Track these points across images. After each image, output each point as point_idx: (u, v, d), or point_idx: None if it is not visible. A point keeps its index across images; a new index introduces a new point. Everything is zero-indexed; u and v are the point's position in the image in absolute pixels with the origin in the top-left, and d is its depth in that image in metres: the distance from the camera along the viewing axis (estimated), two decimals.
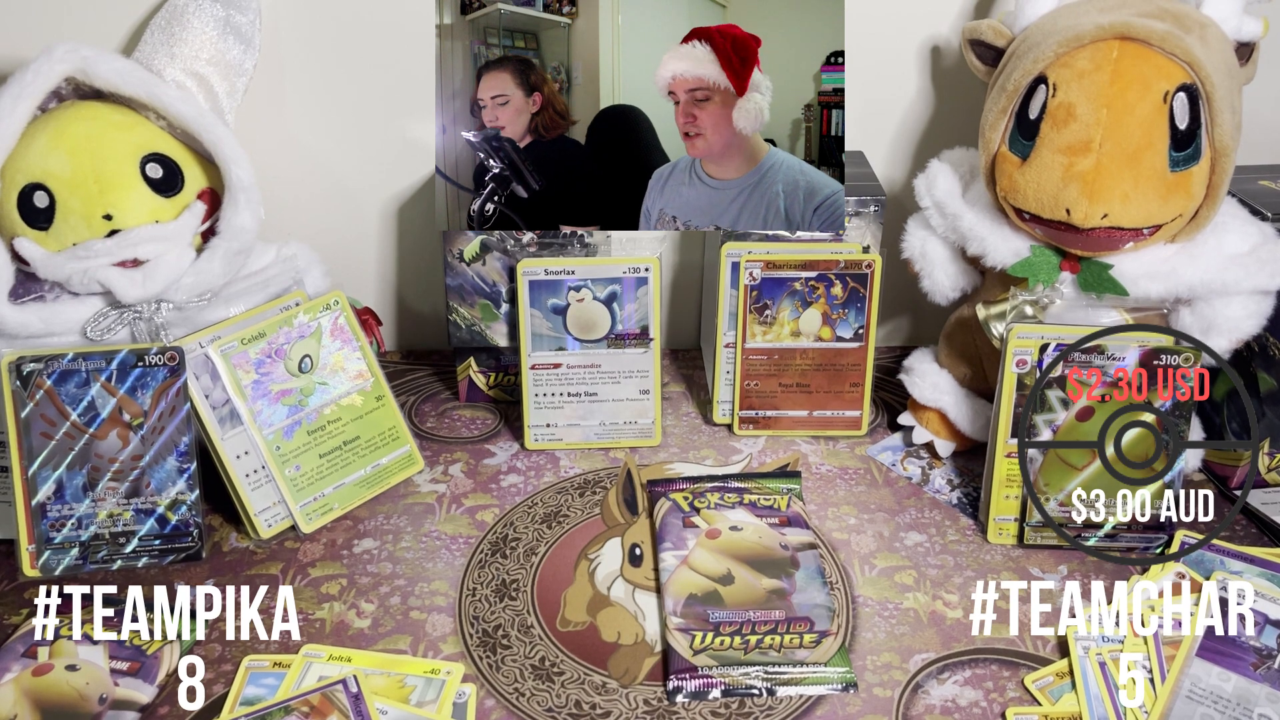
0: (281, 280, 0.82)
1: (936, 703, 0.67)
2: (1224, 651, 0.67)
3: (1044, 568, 0.78)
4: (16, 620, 0.72)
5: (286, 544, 0.80)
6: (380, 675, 0.68)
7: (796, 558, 0.76)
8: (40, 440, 0.74)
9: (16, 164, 0.73)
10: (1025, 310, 0.78)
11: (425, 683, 0.67)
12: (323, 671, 0.68)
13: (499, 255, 0.88)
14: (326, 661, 0.69)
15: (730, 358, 0.90)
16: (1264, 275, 0.75)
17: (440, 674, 0.68)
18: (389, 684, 0.67)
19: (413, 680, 0.67)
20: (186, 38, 0.79)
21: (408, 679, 0.67)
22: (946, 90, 0.97)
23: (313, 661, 0.69)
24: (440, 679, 0.67)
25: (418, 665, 0.69)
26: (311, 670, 0.68)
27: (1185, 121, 0.72)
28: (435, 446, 0.91)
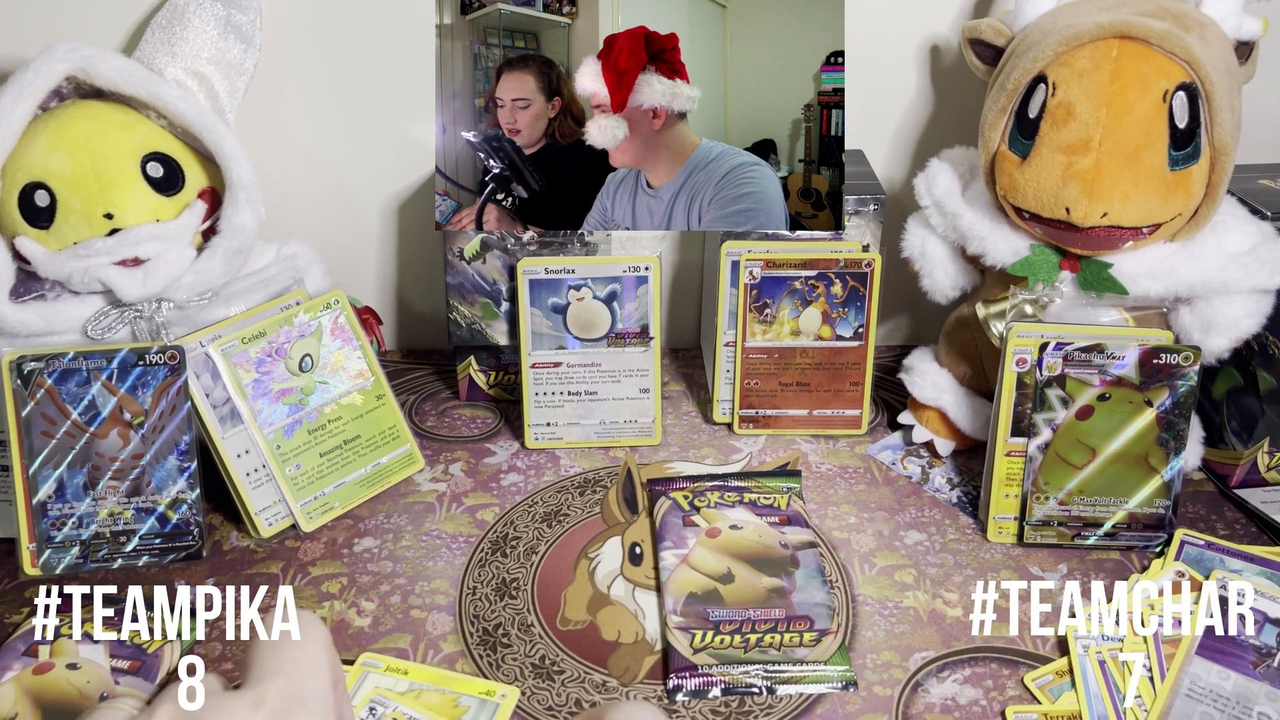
0: (282, 279, 0.82)
1: (936, 701, 0.67)
2: (1224, 650, 0.67)
3: (1044, 566, 0.78)
4: (17, 619, 0.73)
5: (287, 543, 0.80)
6: (435, 692, 0.66)
7: (796, 556, 0.76)
8: (41, 439, 0.74)
9: (17, 163, 0.74)
10: (1025, 309, 0.78)
11: (479, 704, 0.65)
12: (379, 682, 0.66)
13: (499, 254, 0.88)
14: (384, 672, 0.67)
15: (730, 356, 0.90)
16: (1264, 274, 0.75)
17: (495, 696, 0.66)
18: (443, 702, 0.66)
19: (467, 700, 0.66)
20: (187, 37, 0.80)
21: (461, 699, 0.66)
22: (946, 90, 0.97)
23: (369, 671, 0.68)
24: (495, 701, 0.65)
25: (473, 685, 0.67)
26: (368, 680, 0.67)
27: (1185, 120, 0.72)
28: (435, 445, 0.91)
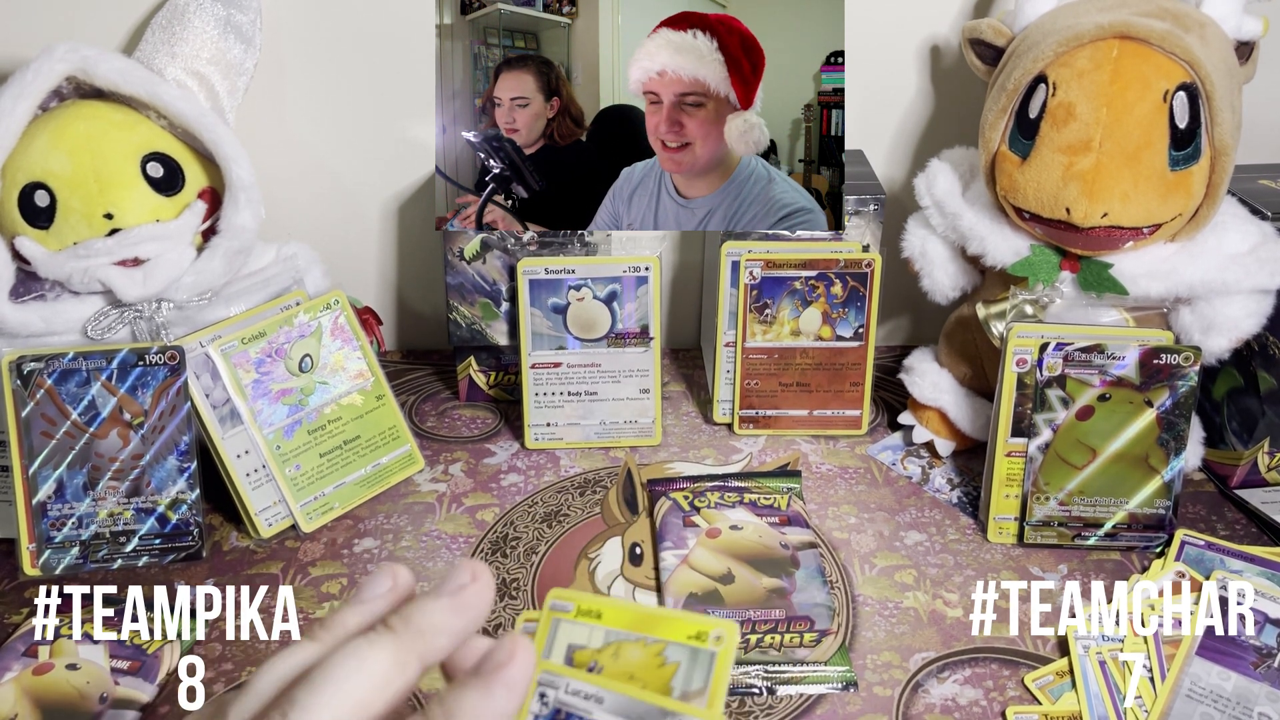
0: (282, 280, 0.82)
1: (936, 701, 0.67)
2: (1224, 650, 0.67)
3: (1044, 567, 0.78)
4: (17, 619, 0.73)
5: (287, 543, 0.80)
6: (636, 643, 0.47)
7: (797, 557, 0.76)
8: (41, 439, 0.74)
9: (17, 163, 0.73)
10: (1025, 309, 0.78)
11: (690, 657, 0.45)
12: (570, 637, 0.48)
13: (499, 254, 0.88)
14: (575, 618, 0.49)
15: (730, 357, 0.90)
16: (1264, 274, 0.75)
17: (709, 642, 0.46)
18: (647, 659, 0.47)
19: (674, 654, 0.46)
20: (187, 37, 0.80)
21: (668, 650, 0.46)
22: (946, 90, 0.97)
23: (560, 619, 0.53)
24: (710, 649, 0.46)
25: (679, 627, 0.46)
26: (559, 633, 0.52)
27: (1185, 120, 0.72)
28: (435, 446, 0.91)
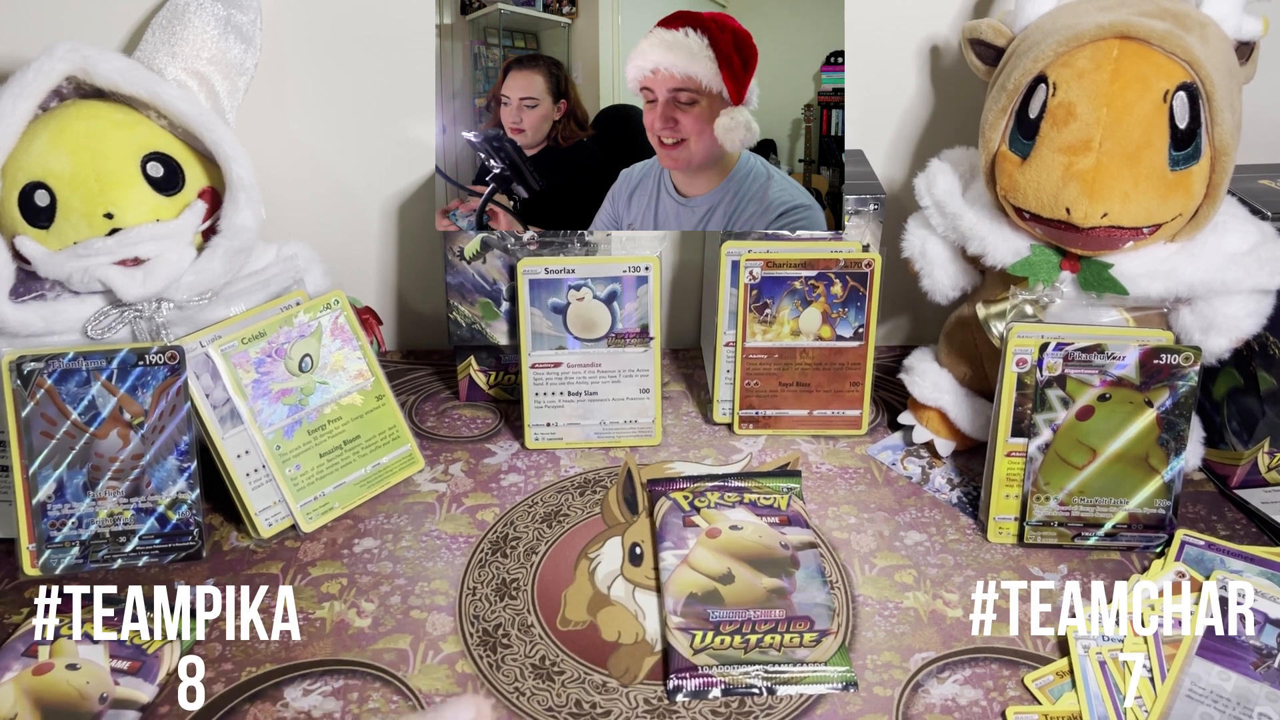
0: (282, 280, 0.82)
1: (936, 702, 0.67)
2: (1224, 651, 0.67)
3: (1044, 567, 0.78)
4: (17, 619, 0.72)
5: (287, 543, 0.80)
6: None
7: (797, 557, 0.76)
8: (41, 439, 0.74)
9: (18, 163, 0.73)
10: (1025, 309, 0.78)
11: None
12: None
13: (499, 253, 0.88)
14: None
15: (730, 357, 0.90)
16: (1264, 274, 0.75)
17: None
18: None
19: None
20: (187, 37, 0.80)
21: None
22: (946, 90, 0.97)
23: None
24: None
25: None
26: None
27: (1185, 120, 0.72)
28: (435, 446, 0.91)
